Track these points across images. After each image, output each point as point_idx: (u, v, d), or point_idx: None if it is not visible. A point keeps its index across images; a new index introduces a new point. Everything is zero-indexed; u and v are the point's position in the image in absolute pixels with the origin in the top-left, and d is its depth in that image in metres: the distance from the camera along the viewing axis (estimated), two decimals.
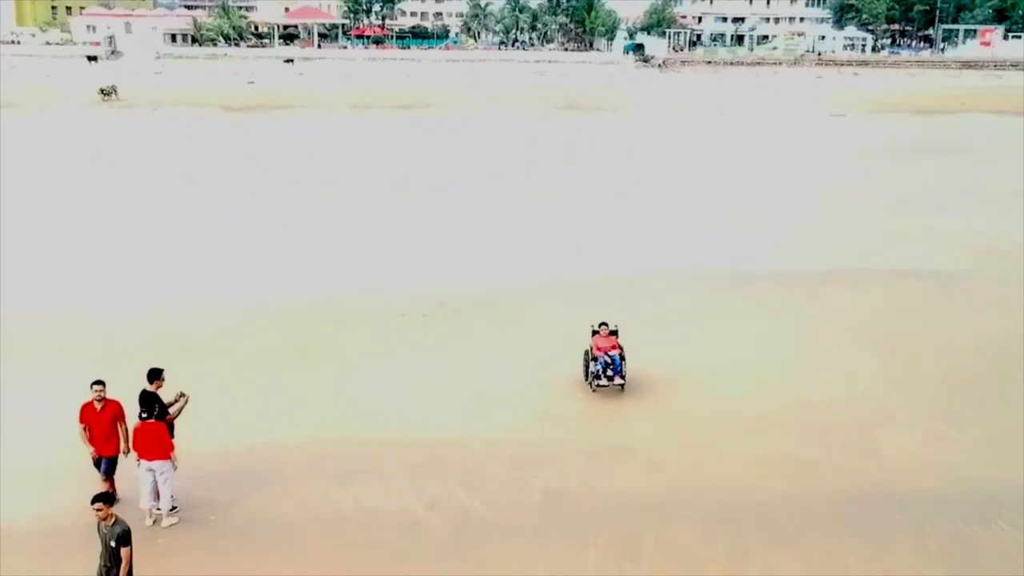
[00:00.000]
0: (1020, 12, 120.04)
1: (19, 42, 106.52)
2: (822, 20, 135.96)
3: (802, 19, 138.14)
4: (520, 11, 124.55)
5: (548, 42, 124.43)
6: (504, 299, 20.12)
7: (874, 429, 13.79)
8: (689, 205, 31.52)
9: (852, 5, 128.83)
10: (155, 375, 11.06)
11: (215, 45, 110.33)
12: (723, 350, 17.17)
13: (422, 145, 46.38)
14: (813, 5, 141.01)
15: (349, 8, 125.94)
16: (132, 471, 10.98)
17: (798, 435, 13.58)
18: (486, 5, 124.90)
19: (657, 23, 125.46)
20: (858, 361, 16.66)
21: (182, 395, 11.29)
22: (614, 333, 15.20)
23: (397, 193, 32.70)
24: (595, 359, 14.88)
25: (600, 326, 15.28)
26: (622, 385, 14.85)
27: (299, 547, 10.64)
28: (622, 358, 14.86)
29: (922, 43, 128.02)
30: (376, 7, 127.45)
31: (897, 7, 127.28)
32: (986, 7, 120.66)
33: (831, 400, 14.90)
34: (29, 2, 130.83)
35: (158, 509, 11.02)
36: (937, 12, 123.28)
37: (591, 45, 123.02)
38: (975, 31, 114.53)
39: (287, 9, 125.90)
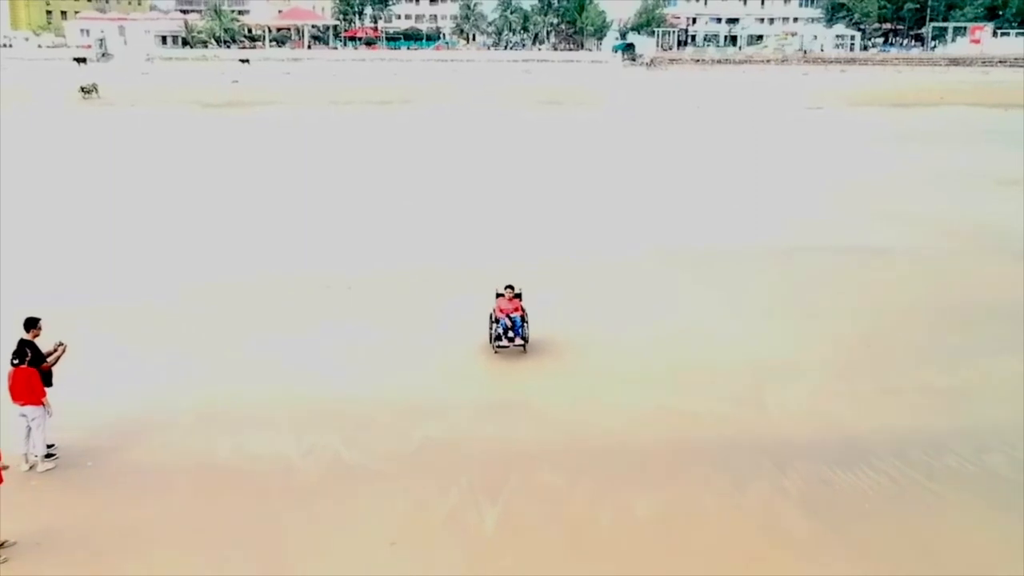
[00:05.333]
0: (1012, 10, 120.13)
1: (11, 45, 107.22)
2: (814, 20, 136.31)
3: (795, 19, 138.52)
4: (511, 12, 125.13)
5: (540, 43, 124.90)
6: (431, 274, 20.22)
7: (766, 384, 13.96)
8: (649, 190, 31.68)
9: (843, 4, 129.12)
10: (31, 324, 11.34)
11: (206, 47, 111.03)
12: (640, 317, 17.34)
13: (393, 137, 46.60)
14: (806, 5, 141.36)
15: (340, 10, 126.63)
16: (8, 419, 11.23)
17: (689, 390, 13.77)
18: (475, 6, 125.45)
19: (647, 23, 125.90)
20: (774, 326, 16.81)
21: (60, 344, 11.53)
22: (518, 296, 15.40)
23: (352, 181, 32.97)
24: (497, 321, 15.08)
25: (505, 289, 15.48)
26: (523, 346, 15.03)
27: (169, 488, 10.86)
28: (524, 320, 15.04)
29: (913, 41, 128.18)
30: (368, 9, 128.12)
31: (888, 6, 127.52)
32: (977, 5, 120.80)
33: (732, 360, 15.06)
34: (24, 6, 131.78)
35: (35, 455, 11.26)
36: (928, 10, 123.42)
37: (582, 45, 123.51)
38: (965, 29, 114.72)
39: (280, 11, 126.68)
